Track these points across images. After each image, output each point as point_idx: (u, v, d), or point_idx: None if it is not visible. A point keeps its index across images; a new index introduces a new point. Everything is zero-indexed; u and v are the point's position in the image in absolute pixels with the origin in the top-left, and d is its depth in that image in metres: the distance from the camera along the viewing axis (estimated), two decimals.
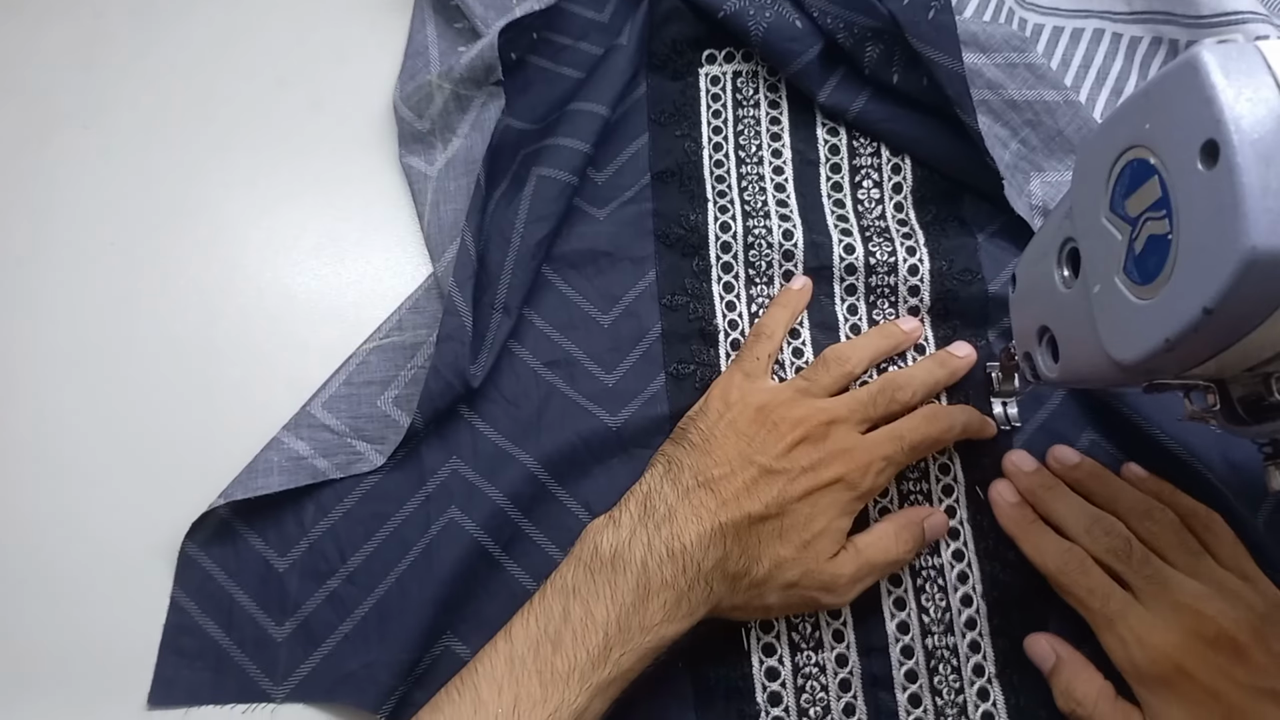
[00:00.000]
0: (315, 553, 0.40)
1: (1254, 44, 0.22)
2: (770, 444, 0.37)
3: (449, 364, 0.41)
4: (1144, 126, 0.25)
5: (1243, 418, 0.28)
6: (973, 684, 0.38)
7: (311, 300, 0.46)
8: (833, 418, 0.38)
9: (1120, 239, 0.26)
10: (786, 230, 0.45)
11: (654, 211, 0.46)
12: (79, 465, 0.43)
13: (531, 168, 0.46)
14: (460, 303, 0.41)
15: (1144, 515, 0.37)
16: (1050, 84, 0.45)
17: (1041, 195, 0.45)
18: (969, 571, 0.40)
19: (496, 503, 0.40)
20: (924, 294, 0.44)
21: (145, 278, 0.46)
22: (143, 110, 0.50)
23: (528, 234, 0.44)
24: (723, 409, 0.39)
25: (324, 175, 0.49)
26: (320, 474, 0.41)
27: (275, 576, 0.40)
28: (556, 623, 0.33)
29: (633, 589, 0.33)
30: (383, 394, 0.43)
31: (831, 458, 0.37)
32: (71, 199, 0.48)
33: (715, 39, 0.50)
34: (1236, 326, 0.23)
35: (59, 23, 0.53)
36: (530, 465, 0.41)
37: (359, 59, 0.51)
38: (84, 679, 0.39)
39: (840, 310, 0.44)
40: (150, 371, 0.44)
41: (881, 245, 0.44)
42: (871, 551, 0.37)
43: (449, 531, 0.40)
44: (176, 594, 0.40)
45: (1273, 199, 0.21)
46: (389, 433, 0.42)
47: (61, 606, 0.40)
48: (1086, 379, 0.30)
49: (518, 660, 0.32)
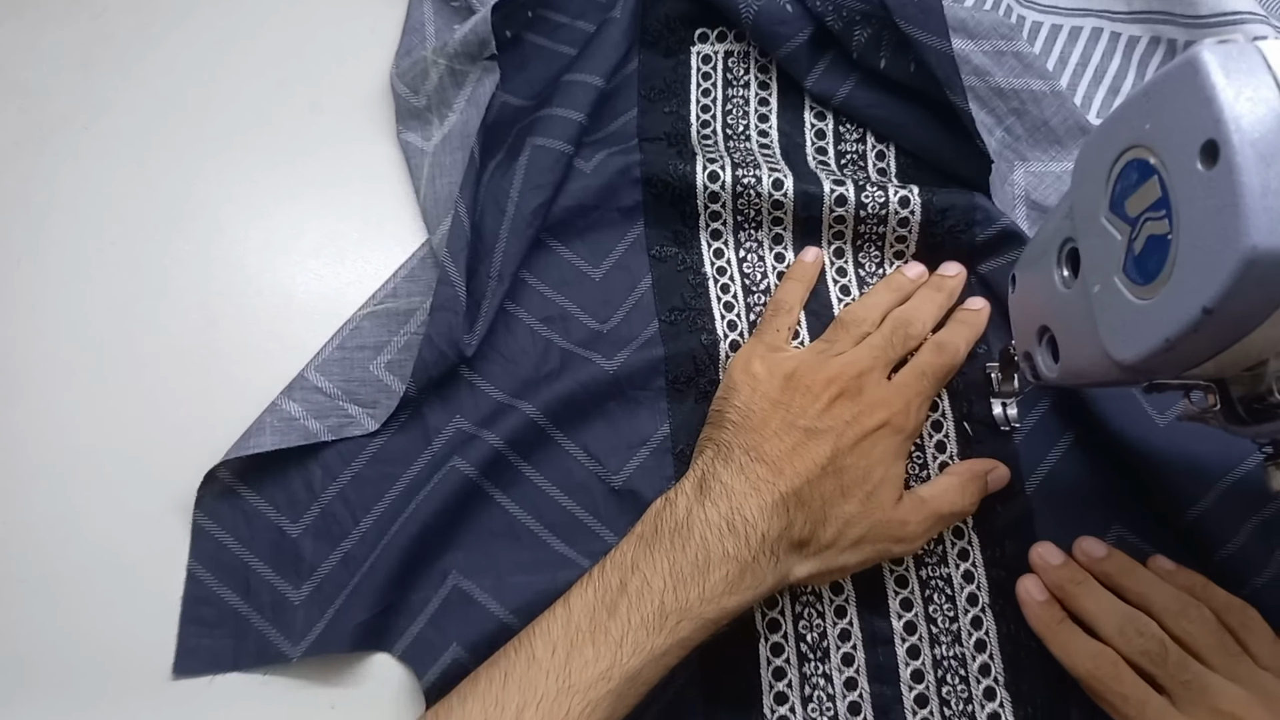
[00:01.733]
0: (327, 516, 0.41)
1: (1254, 44, 0.22)
2: (808, 406, 0.37)
3: (442, 333, 0.41)
4: (1144, 126, 0.25)
5: (1243, 418, 0.28)
6: (979, 684, 0.38)
7: (311, 300, 0.46)
8: (860, 369, 0.38)
9: (1120, 239, 0.26)
10: (776, 180, 0.44)
11: (641, 163, 0.46)
12: (78, 465, 0.43)
13: (526, 138, 0.46)
14: (454, 273, 0.42)
15: (1179, 614, 0.36)
16: (1037, 73, 0.45)
17: (1024, 185, 0.45)
18: (973, 570, 0.40)
19: (496, 447, 0.40)
20: (911, 242, 0.45)
21: (145, 278, 0.46)
22: (143, 111, 0.50)
23: (522, 202, 0.44)
24: (753, 384, 0.39)
25: (324, 175, 0.49)
26: (312, 435, 0.41)
27: (289, 542, 0.41)
28: (614, 593, 0.33)
29: (691, 561, 0.33)
30: (375, 359, 0.43)
31: (871, 407, 0.37)
32: (71, 199, 0.48)
33: (708, 17, 0.50)
34: (1236, 326, 0.23)
35: (59, 23, 0.52)
36: (530, 413, 0.41)
37: (359, 59, 0.51)
38: (84, 679, 0.39)
39: (827, 253, 0.46)
40: (150, 371, 0.44)
41: (874, 195, 0.44)
42: (937, 502, 0.38)
43: (448, 476, 0.40)
44: (192, 565, 0.40)
45: (1273, 199, 0.21)
46: (381, 397, 0.43)
47: (61, 606, 0.40)
48: (1086, 379, 0.30)
49: (574, 625, 0.33)
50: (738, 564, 0.34)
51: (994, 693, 0.38)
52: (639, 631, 0.32)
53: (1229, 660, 0.35)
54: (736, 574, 0.34)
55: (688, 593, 0.33)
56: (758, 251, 0.46)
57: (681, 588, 0.33)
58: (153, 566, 0.41)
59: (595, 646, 0.32)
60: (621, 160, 0.46)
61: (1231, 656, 0.35)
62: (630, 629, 0.32)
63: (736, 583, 0.34)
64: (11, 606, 0.40)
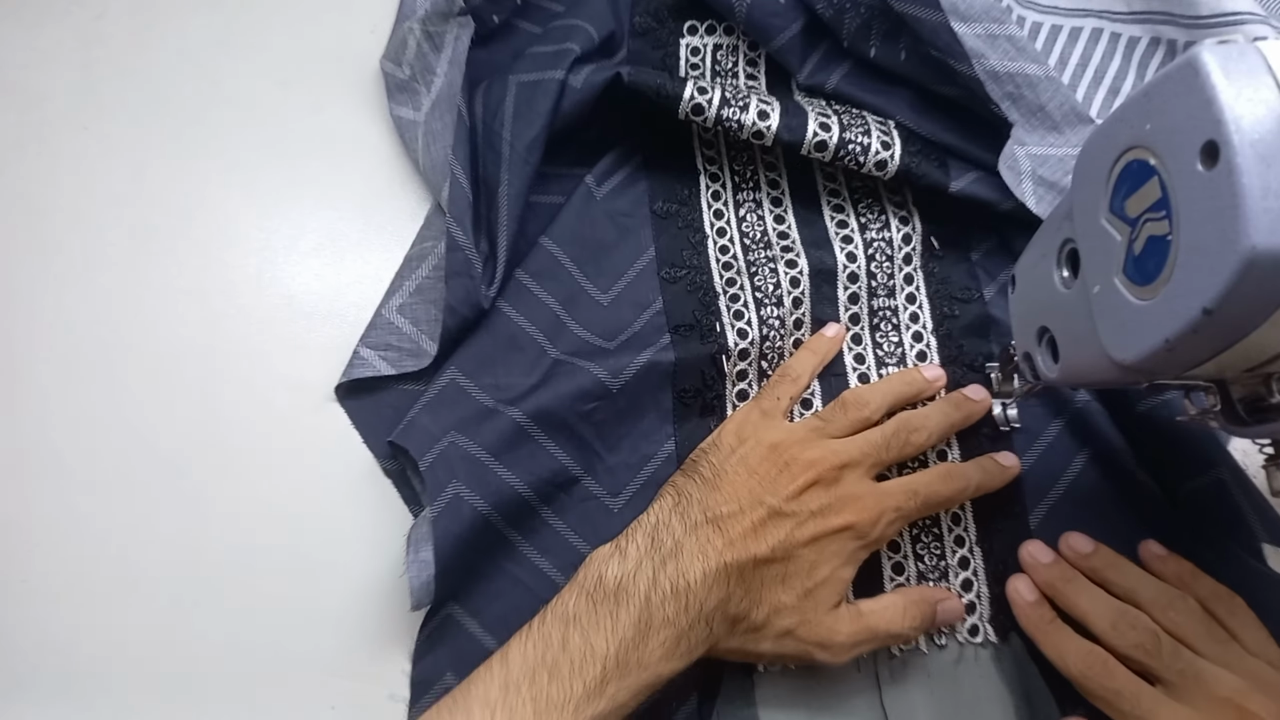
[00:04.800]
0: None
1: (1254, 44, 0.22)
2: (781, 484, 0.36)
3: (461, 299, 0.42)
4: (1144, 127, 0.25)
5: (1243, 418, 0.28)
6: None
7: (311, 300, 0.46)
8: (846, 461, 0.37)
9: (1120, 240, 0.26)
10: (762, 110, 0.44)
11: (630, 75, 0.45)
12: (77, 465, 0.42)
13: (509, 77, 0.45)
14: (461, 236, 0.42)
15: (1167, 606, 0.36)
16: (1030, 57, 0.44)
17: (1029, 164, 0.44)
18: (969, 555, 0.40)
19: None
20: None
21: (145, 278, 0.46)
22: (142, 111, 0.50)
23: (516, 140, 0.44)
24: (735, 444, 0.38)
25: (324, 175, 0.49)
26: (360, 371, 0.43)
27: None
28: (555, 651, 0.32)
29: (634, 623, 0.32)
30: (387, 302, 0.44)
31: (842, 504, 0.36)
32: (71, 199, 0.48)
33: (697, 10, 0.50)
34: (1237, 327, 0.23)
35: (58, 23, 0.52)
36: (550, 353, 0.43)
37: (359, 59, 0.51)
38: (84, 679, 0.39)
39: (830, 223, 0.46)
40: (150, 371, 0.44)
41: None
42: (874, 618, 0.36)
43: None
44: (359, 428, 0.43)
45: (1273, 199, 0.21)
46: (392, 339, 0.43)
47: (61, 606, 0.40)
48: (1086, 379, 0.30)
49: (513, 686, 0.32)
50: (675, 630, 0.33)
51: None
52: (581, 699, 0.31)
53: (1219, 648, 0.35)
54: (673, 640, 0.33)
55: (628, 657, 0.32)
56: (756, 212, 0.47)
57: (623, 651, 0.32)
58: (153, 566, 0.41)
59: (536, 715, 0.31)
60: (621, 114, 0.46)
61: (1221, 644, 0.35)
62: (571, 696, 0.31)
63: (672, 649, 0.33)
64: (12, 606, 0.40)
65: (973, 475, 0.39)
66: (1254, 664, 0.34)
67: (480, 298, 0.42)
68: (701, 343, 0.43)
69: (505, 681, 0.32)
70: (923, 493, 0.38)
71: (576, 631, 0.32)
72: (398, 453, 0.40)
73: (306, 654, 0.40)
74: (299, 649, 0.40)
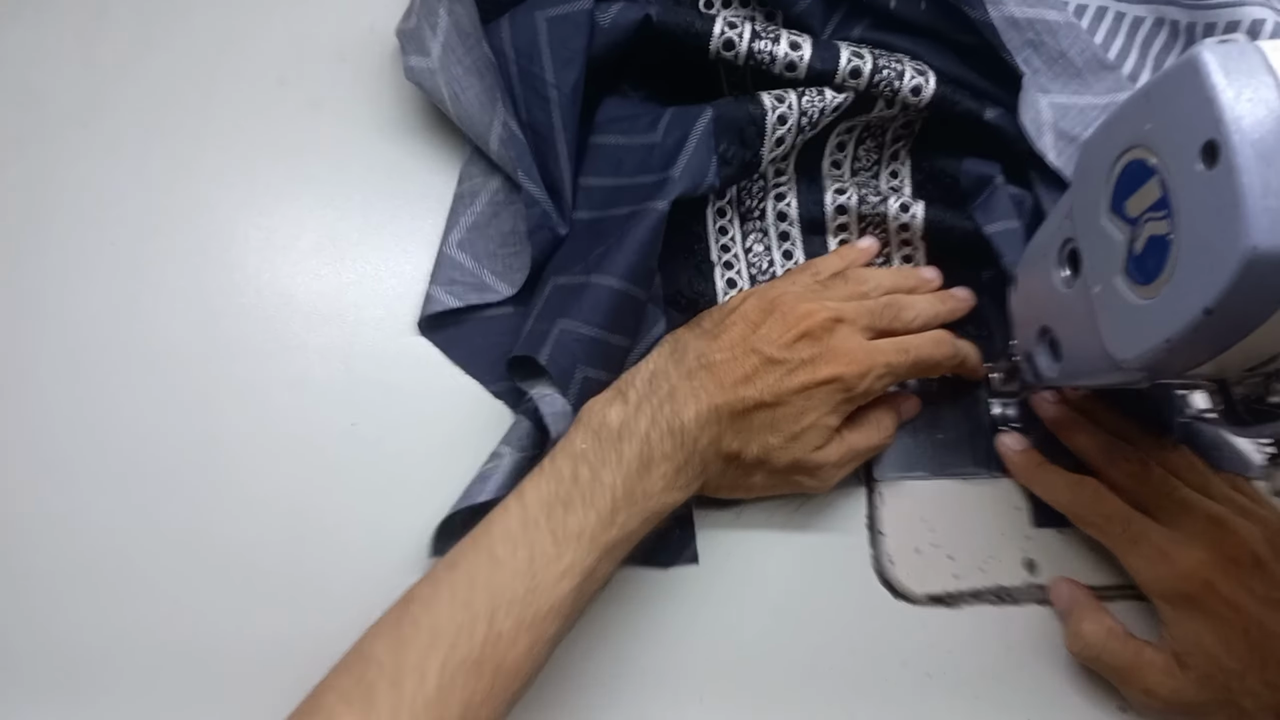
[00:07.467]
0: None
1: (1254, 44, 0.22)
2: (774, 334, 0.38)
3: (544, 252, 0.42)
4: (1144, 127, 0.25)
5: (1244, 419, 0.28)
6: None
7: (311, 300, 0.46)
8: (839, 316, 0.39)
9: (1120, 239, 0.26)
10: (794, 42, 0.43)
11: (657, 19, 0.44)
12: (77, 465, 0.42)
13: (534, 14, 0.44)
14: (538, 192, 0.42)
15: (1154, 444, 0.39)
16: (1050, 4, 0.44)
17: (1051, 115, 0.44)
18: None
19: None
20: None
21: (144, 277, 0.46)
22: (142, 110, 0.50)
23: (561, 83, 0.43)
24: (739, 301, 0.40)
25: (324, 175, 0.49)
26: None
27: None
28: (567, 485, 0.34)
29: (636, 457, 0.35)
30: (446, 239, 0.45)
31: (832, 355, 0.38)
32: (71, 199, 0.48)
33: None
34: (1237, 326, 0.23)
35: (59, 23, 0.52)
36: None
37: (359, 59, 0.51)
38: (84, 679, 0.39)
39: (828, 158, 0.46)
40: (149, 371, 0.44)
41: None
42: (854, 439, 0.39)
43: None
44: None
45: (1273, 199, 0.21)
46: (455, 274, 0.44)
47: (61, 606, 0.40)
48: (1087, 379, 0.30)
49: (531, 521, 0.33)
50: (673, 464, 0.35)
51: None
52: (595, 527, 0.33)
53: (1200, 478, 0.38)
54: (672, 473, 0.35)
55: (633, 487, 0.34)
56: (763, 241, 0.47)
57: (629, 481, 0.34)
58: (152, 565, 0.41)
59: (555, 544, 0.33)
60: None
61: (1202, 475, 0.38)
62: (586, 525, 0.33)
63: (673, 480, 0.35)
64: (11, 606, 0.40)
65: (964, 348, 0.41)
66: (1230, 493, 0.37)
67: (559, 242, 0.43)
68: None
69: (523, 518, 0.34)
70: (914, 352, 0.39)
71: (585, 466, 0.35)
72: (512, 370, 0.41)
73: (308, 654, 0.40)
74: (300, 649, 0.40)
